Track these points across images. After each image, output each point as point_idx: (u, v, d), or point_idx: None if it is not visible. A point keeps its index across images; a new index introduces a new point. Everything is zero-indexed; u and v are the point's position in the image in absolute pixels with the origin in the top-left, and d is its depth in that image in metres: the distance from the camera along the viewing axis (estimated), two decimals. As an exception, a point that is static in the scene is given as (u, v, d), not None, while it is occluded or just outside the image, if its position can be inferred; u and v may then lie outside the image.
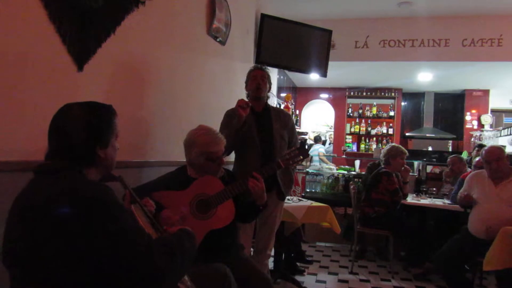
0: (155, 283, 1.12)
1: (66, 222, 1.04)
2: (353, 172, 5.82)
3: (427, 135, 8.77)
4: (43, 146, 1.27)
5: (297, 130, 3.26)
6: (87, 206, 1.06)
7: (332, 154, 8.77)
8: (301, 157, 2.33)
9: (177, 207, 1.93)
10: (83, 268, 1.06)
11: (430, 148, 8.29)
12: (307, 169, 5.71)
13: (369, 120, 9.04)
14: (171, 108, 2.69)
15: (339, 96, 9.17)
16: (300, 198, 3.93)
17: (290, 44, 4.80)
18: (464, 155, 6.39)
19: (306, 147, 2.49)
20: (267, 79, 2.83)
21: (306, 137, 8.23)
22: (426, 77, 7.53)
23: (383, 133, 8.90)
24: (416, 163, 5.57)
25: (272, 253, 3.35)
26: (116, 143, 1.33)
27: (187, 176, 2.14)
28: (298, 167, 5.06)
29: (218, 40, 3.40)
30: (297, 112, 8.75)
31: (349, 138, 9.17)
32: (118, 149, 1.34)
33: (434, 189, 4.63)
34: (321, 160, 7.65)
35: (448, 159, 4.64)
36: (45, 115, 1.54)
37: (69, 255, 1.04)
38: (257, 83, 2.78)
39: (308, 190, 5.50)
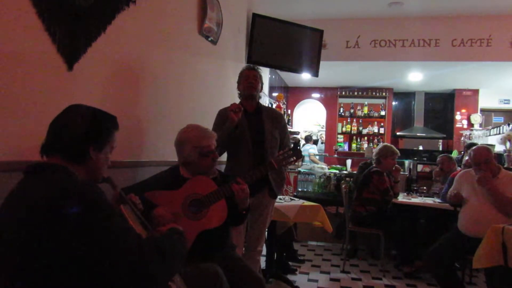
0: (145, 283, 1.12)
1: (56, 222, 1.03)
2: (344, 172, 5.85)
3: (418, 134, 8.85)
4: (32, 146, 1.26)
5: (289, 129, 3.27)
6: (78, 207, 1.05)
7: (323, 154, 8.80)
8: (295, 157, 2.34)
9: (169, 207, 1.93)
10: (74, 268, 1.05)
11: (420, 147, 8.36)
12: (299, 169, 5.72)
13: (361, 119, 9.09)
14: (164, 108, 2.68)
15: (331, 96, 9.21)
16: (292, 198, 3.94)
17: (282, 44, 4.80)
18: (454, 154, 6.46)
19: (299, 147, 2.49)
20: (259, 78, 2.84)
21: (298, 136, 8.25)
22: (416, 77, 7.59)
23: (374, 132, 8.96)
24: (407, 162, 5.61)
25: (264, 252, 3.36)
26: (109, 155, 1.33)
27: (180, 176, 2.14)
28: (290, 166, 5.07)
29: (209, 39, 3.39)
30: (289, 111, 8.76)
31: (340, 138, 9.21)
32: (109, 163, 1.34)
33: (425, 188, 4.67)
34: (312, 161, 7.67)
35: (438, 159, 4.68)
36: (35, 115, 1.53)
37: (59, 256, 1.03)
38: (249, 82, 2.79)
39: (300, 190, 5.51)
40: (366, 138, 9.03)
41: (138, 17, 2.25)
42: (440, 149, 8.60)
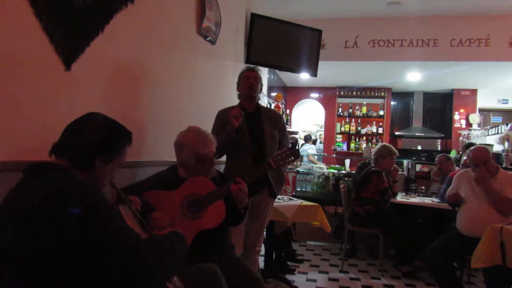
0: (144, 283, 1.12)
1: (56, 222, 1.03)
2: (343, 171, 5.85)
3: (416, 134, 8.86)
4: (30, 146, 1.25)
5: (287, 129, 3.27)
6: (77, 206, 1.05)
7: (322, 154, 8.80)
8: (292, 157, 2.35)
9: (168, 207, 1.93)
10: (73, 268, 1.05)
11: (419, 147, 8.36)
12: (297, 169, 5.72)
13: (359, 119, 9.10)
14: (162, 107, 2.68)
15: (329, 96, 9.21)
16: (290, 197, 3.94)
17: (281, 44, 4.80)
18: (453, 154, 6.46)
19: (297, 147, 2.50)
20: (259, 79, 2.85)
21: (297, 136, 8.25)
22: (415, 77, 7.60)
23: (373, 132, 8.97)
24: (405, 162, 5.61)
25: (263, 252, 3.36)
26: (114, 169, 1.34)
27: (178, 176, 2.14)
28: (288, 166, 5.07)
29: (208, 39, 3.39)
30: (288, 111, 8.78)
31: (339, 137, 9.22)
32: (113, 176, 1.34)
33: (423, 187, 4.67)
34: (310, 161, 7.67)
35: (436, 158, 4.68)
36: (32, 115, 1.52)
37: (58, 255, 1.03)
38: (250, 83, 2.79)
39: (298, 189, 5.51)
40: (364, 138, 9.04)
41: (136, 17, 2.25)
42: (439, 149, 8.62)
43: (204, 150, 2.09)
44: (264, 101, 5.56)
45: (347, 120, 9.12)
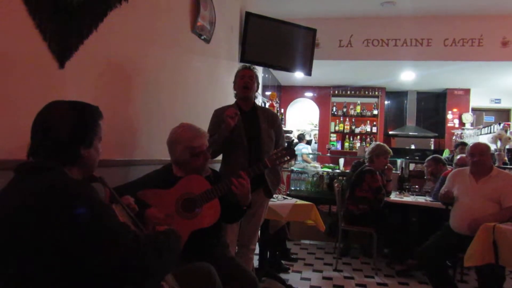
0: (139, 279, 1.12)
1: (50, 220, 1.03)
2: (337, 170, 5.87)
3: (410, 133, 8.92)
4: (23, 145, 1.24)
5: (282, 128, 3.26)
6: (71, 204, 1.05)
7: (316, 153, 8.82)
8: (288, 157, 2.34)
9: (162, 206, 1.92)
10: (68, 265, 1.04)
11: (413, 146, 8.41)
12: (292, 168, 5.73)
13: (353, 118, 9.14)
14: (156, 106, 2.67)
15: (324, 95, 9.24)
16: (285, 197, 3.94)
17: (275, 43, 4.80)
18: (446, 153, 6.51)
19: (292, 147, 2.50)
20: (255, 78, 2.84)
21: (291, 135, 8.25)
22: (408, 76, 7.63)
23: (367, 131, 9.01)
24: (399, 161, 5.64)
25: (257, 251, 3.36)
26: (99, 145, 1.31)
27: (173, 175, 2.13)
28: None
29: (202, 38, 3.38)
30: (282, 110, 8.78)
31: (333, 137, 9.25)
32: (100, 152, 1.33)
33: (417, 186, 4.70)
34: (304, 160, 7.68)
35: (425, 163, 4.69)
36: (26, 113, 1.51)
37: (53, 253, 1.03)
38: (245, 82, 2.78)
39: (293, 188, 5.51)
40: (358, 137, 9.09)
41: (130, 15, 2.24)
42: (432, 148, 8.67)
43: (197, 143, 2.09)
44: (258, 100, 5.56)
45: (341, 119, 9.15)
